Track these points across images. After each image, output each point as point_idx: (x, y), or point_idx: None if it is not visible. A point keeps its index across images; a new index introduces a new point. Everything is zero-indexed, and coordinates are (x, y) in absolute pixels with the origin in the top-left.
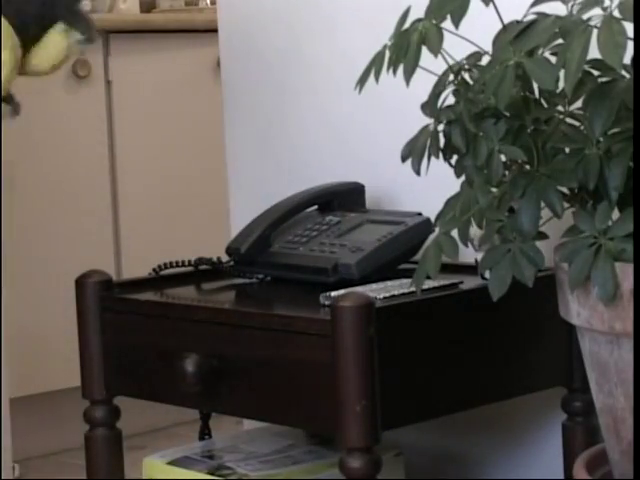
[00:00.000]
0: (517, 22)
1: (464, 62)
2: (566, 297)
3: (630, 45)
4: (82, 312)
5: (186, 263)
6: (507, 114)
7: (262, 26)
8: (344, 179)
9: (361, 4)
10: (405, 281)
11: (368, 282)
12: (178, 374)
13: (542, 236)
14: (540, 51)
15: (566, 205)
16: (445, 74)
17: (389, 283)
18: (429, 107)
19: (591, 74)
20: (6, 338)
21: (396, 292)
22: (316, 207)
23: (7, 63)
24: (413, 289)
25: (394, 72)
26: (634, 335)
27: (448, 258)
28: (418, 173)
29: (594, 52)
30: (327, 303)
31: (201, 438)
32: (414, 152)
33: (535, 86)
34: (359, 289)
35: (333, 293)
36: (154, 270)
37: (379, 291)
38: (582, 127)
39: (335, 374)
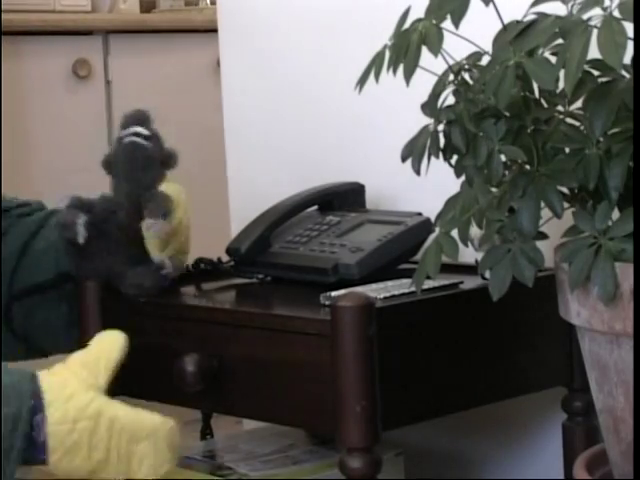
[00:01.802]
0: (517, 22)
1: (464, 62)
2: (566, 297)
3: (630, 45)
4: (82, 312)
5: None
6: (507, 114)
7: (262, 26)
8: (344, 179)
9: (361, 4)
10: (405, 281)
11: (368, 282)
12: (178, 374)
13: (542, 236)
14: (540, 51)
15: (566, 205)
16: (445, 74)
17: (389, 283)
18: (429, 107)
19: (591, 74)
20: None
21: (396, 292)
22: (316, 207)
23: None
24: (413, 289)
25: (394, 72)
26: (634, 335)
27: (448, 258)
28: (418, 173)
29: (594, 52)
30: (327, 303)
31: (203, 438)
32: (414, 152)
33: (535, 86)
34: (359, 289)
35: (333, 293)
36: None
37: (379, 291)
38: (582, 127)
39: (335, 374)
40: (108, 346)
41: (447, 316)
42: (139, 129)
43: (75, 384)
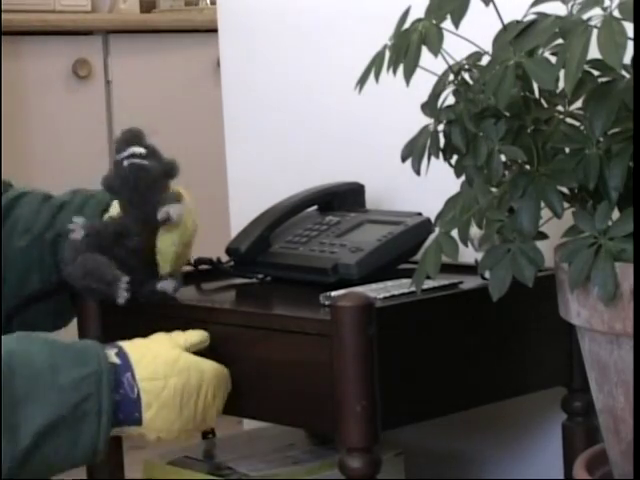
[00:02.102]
0: (517, 22)
1: (464, 62)
2: (566, 297)
3: (630, 45)
4: (82, 313)
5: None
6: (507, 114)
7: (262, 26)
8: (344, 179)
9: (361, 4)
10: (405, 281)
11: (368, 282)
12: None
13: (542, 236)
14: (540, 51)
15: (566, 205)
16: (445, 74)
17: (389, 283)
18: (429, 107)
19: (591, 74)
20: None
21: (396, 292)
22: (316, 207)
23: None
24: (413, 289)
25: (394, 72)
26: (634, 335)
27: (448, 258)
28: (418, 173)
29: (594, 52)
30: (327, 303)
31: (204, 437)
32: (414, 152)
33: (535, 86)
34: (359, 289)
35: (333, 293)
36: None
37: (379, 291)
38: (582, 127)
39: (335, 374)
40: (190, 332)
41: (447, 316)
42: (135, 149)
43: (158, 345)
